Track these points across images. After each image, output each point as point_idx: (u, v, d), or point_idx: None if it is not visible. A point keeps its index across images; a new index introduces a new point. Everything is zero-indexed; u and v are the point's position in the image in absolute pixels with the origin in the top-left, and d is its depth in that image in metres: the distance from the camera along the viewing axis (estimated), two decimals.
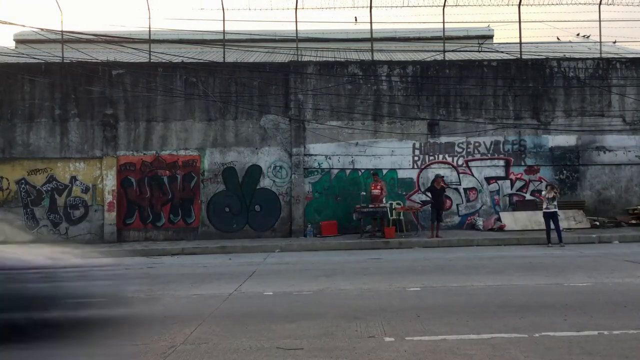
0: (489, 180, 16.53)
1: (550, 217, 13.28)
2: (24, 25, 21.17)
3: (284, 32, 18.02)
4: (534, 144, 16.61)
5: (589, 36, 21.75)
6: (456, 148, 16.51)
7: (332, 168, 16.35)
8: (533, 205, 16.22)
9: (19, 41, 20.74)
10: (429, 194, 15.05)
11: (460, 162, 16.52)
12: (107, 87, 16.24)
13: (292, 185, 16.21)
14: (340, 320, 6.01)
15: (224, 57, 17.16)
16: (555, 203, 13.36)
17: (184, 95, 16.25)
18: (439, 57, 17.17)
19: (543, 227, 13.84)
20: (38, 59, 16.25)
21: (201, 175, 16.22)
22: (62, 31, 16.89)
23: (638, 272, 8.81)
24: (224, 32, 17.05)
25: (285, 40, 17.76)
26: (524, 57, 17.04)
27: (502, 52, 17.77)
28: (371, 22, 17.19)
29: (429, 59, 17.18)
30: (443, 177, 15.47)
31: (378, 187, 15.08)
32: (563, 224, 15.17)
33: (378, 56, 17.64)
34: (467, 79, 16.58)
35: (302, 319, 6.12)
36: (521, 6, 17.03)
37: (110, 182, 15.98)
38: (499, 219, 15.86)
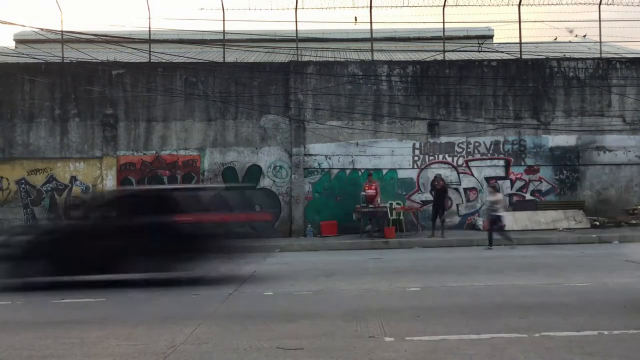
0: (489, 180, 16.52)
1: (497, 219, 12.92)
2: (24, 25, 21.19)
3: (284, 32, 18.01)
4: (534, 144, 16.61)
5: (585, 35, 21.70)
6: (456, 148, 16.51)
7: (332, 168, 16.35)
8: (533, 205, 16.23)
9: (19, 41, 20.74)
10: (433, 193, 15.08)
11: (460, 162, 16.52)
12: (107, 87, 16.24)
13: (292, 185, 16.21)
14: (340, 320, 6.01)
15: (224, 57, 17.16)
16: (499, 206, 12.96)
17: (184, 95, 16.25)
18: (439, 57, 17.17)
19: (543, 227, 13.86)
20: (38, 59, 16.25)
21: (201, 175, 16.21)
22: (62, 31, 16.89)
23: (638, 272, 8.82)
24: (224, 32, 17.05)
25: (285, 40, 17.76)
26: (524, 57, 17.04)
27: (502, 52, 17.77)
28: (371, 22, 17.19)
29: (429, 59, 17.18)
30: (442, 176, 15.47)
31: (373, 187, 15.05)
32: (563, 224, 15.20)
33: (378, 56, 17.63)
34: (467, 79, 16.58)
35: (302, 319, 6.11)
36: (521, 6, 17.03)
37: (110, 182, 15.98)
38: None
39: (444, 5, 17.04)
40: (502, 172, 16.59)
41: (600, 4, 16.96)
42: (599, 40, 17.42)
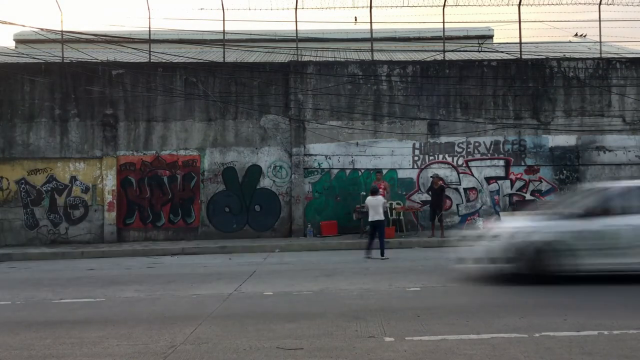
0: (489, 180, 16.52)
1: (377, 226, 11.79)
2: (24, 25, 21.19)
3: (284, 32, 18.01)
4: (534, 144, 16.60)
5: (585, 35, 21.70)
6: (456, 148, 16.51)
7: (332, 168, 16.34)
8: (533, 206, 16.23)
9: (19, 41, 20.73)
10: (430, 193, 15.11)
11: (460, 162, 16.52)
12: (107, 87, 16.23)
13: (292, 185, 16.21)
14: (340, 320, 6.01)
15: (224, 57, 17.16)
16: (381, 211, 11.77)
17: (184, 95, 16.25)
18: (439, 57, 17.16)
19: None
20: (38, 59, 16.25)
21: (201, 175, 16.21)
22: (62, 31, 16.89)
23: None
24: (224, 32, 17.04)
25: (285, 40, 17.76)
26: (524, 57, 17.04)
27: (502, 52, 17.77)
28: (371, 22, 17.19)
29: (429, 59, 17.18)
30: (440, 177, 15.46)
31: (382, 186, 15.02)
32: None
33: (378, 56, 17.63)
34: (467, 79, 16.58)
35: (302, 319, 6.12)
36: (521, 6, 17.02)
37: (110, 182, 15.98)
38: (499, 219, 15.84)
39: (444, 5, 17.04)
40: (502, 172, 16.59)
41: (600, 4, 16.95)
42: (599, 40, 17.41)
